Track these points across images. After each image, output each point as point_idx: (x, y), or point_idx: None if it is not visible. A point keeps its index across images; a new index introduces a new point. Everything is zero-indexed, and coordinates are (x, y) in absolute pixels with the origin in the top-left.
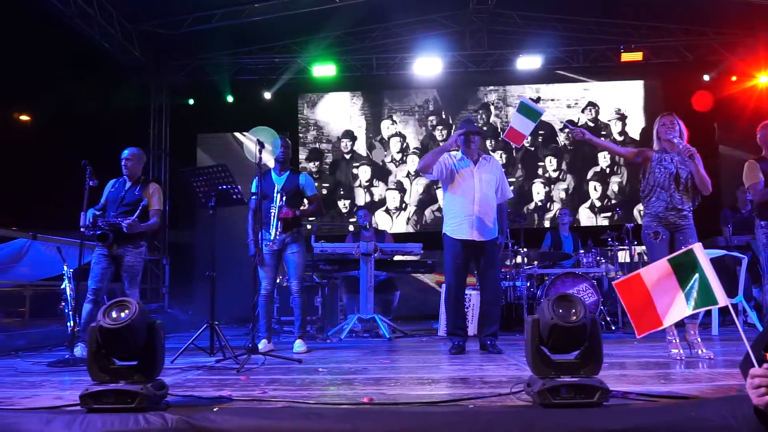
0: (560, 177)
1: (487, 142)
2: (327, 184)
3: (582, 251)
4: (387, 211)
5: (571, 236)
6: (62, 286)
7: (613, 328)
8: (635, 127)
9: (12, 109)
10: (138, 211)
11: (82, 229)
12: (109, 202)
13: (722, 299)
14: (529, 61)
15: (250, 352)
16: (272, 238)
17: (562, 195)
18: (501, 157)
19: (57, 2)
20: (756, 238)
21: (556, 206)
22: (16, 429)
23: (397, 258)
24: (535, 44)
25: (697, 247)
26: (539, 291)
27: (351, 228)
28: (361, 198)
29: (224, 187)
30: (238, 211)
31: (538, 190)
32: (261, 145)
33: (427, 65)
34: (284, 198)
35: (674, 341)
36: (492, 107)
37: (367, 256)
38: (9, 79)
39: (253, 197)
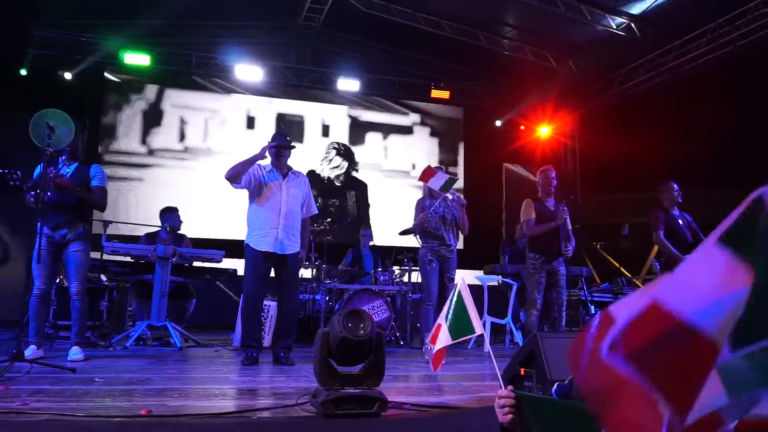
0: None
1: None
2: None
3: (380, 269)
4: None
5: (372, 254)
6: None
7: (402, 343)
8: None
9: None
10: None
11: None
12: None
13: (479, 328)
14: (348, 84)
15: (13, 359)
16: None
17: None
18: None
19: None
20: (527, 267)
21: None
22: None
23: (196, 264)
24: (356, 68)
25: (461, 283)
26: (337, 305)
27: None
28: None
29: None
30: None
31: None
32: (51, 129)
33: (248, 72)
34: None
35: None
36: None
37: (164, 260)
38: None
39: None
